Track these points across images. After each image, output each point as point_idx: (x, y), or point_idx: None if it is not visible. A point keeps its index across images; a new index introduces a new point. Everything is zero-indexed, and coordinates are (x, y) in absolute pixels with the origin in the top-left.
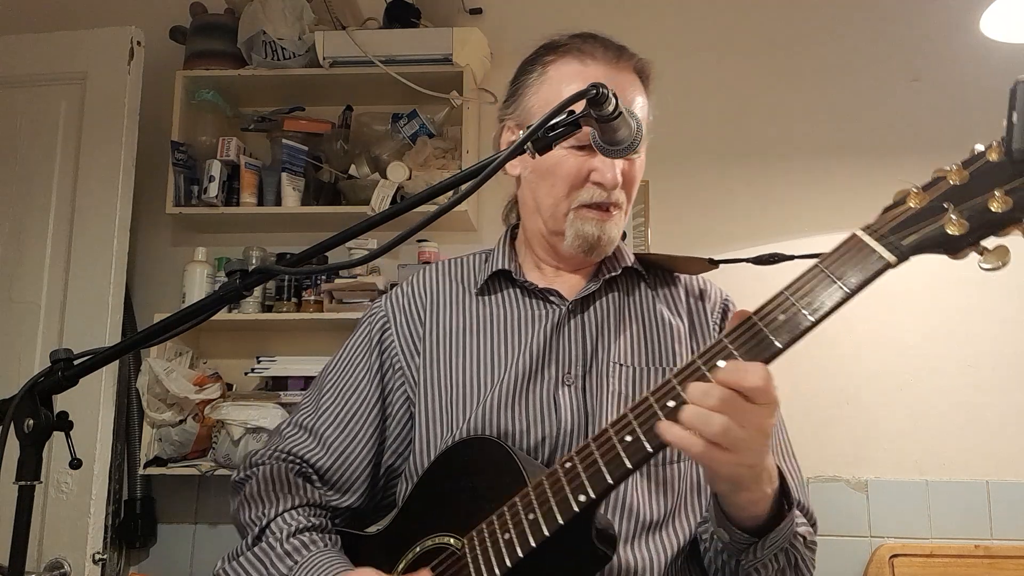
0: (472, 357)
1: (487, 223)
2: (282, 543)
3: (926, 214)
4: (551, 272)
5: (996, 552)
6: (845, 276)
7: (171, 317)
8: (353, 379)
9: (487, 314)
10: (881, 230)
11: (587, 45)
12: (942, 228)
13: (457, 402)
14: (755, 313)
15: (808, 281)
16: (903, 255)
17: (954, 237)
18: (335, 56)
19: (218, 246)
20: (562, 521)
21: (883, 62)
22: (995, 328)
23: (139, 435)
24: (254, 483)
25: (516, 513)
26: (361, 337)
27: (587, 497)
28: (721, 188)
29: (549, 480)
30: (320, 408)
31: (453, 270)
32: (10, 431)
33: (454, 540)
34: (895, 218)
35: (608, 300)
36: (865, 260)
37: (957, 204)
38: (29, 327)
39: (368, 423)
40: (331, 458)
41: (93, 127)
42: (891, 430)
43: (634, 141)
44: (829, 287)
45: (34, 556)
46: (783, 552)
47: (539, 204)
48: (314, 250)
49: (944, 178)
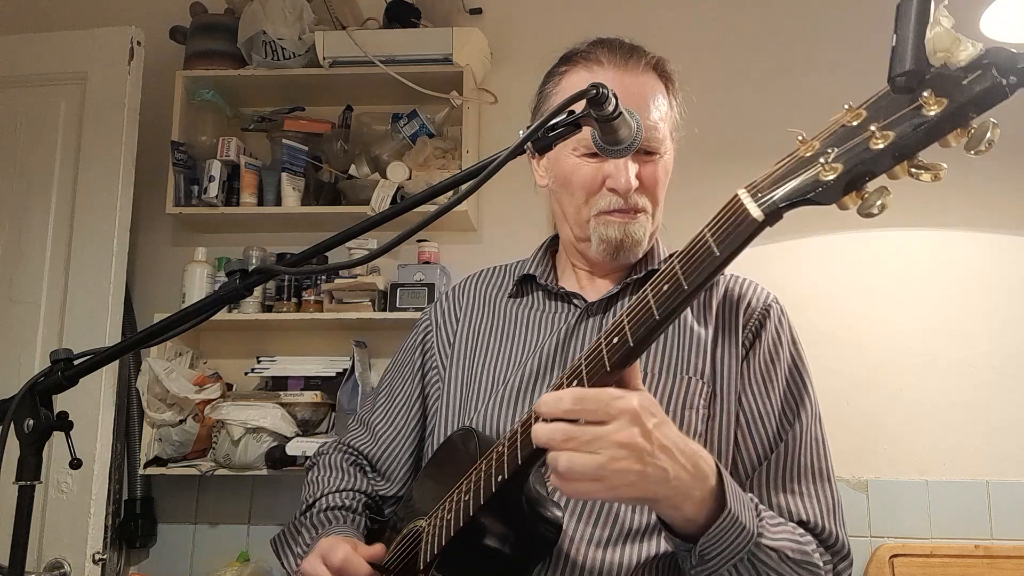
0: (492, 355)
1: (487, 223)
2: (312, 517)
3: (805, 162)
4: (585, 277)
5: (996, 552)
6: (723, 242)
7: (171, 317)
8: (400, 379)
9: (512, 316)
10: (759, 185)
11: (595, 52)
12: (816, 176)
13: (471, 398)
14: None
15: (693, 248)
16: (771, 209)
17: (827, 182)
18: (335, 56)
19: (218, 246)
20: (495, 487)
21: (883, 62)
22: (995, 328)
23: (139, 435)
24: (317, 468)
25: (462, 487)
26: (409, 342)
27: (510, 464)
28: (721, 188)
29: (494, 453)
30: (376, 405)
31: (493, 276)
32: (10, 431)
33: (423, 522)
34: (776, 170)
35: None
36: (737, 220)
37: (839, 147)
38: (29, 327)
39: (410, 418)
40: (380, 449)
41: (93, 127)
42: (891, 430)
43: (635, 140)
44: (709, 256)
45: (34, 556)
46: (742, 564)
47: (565, 213)
48: (314, 250)
49: (839, 122)
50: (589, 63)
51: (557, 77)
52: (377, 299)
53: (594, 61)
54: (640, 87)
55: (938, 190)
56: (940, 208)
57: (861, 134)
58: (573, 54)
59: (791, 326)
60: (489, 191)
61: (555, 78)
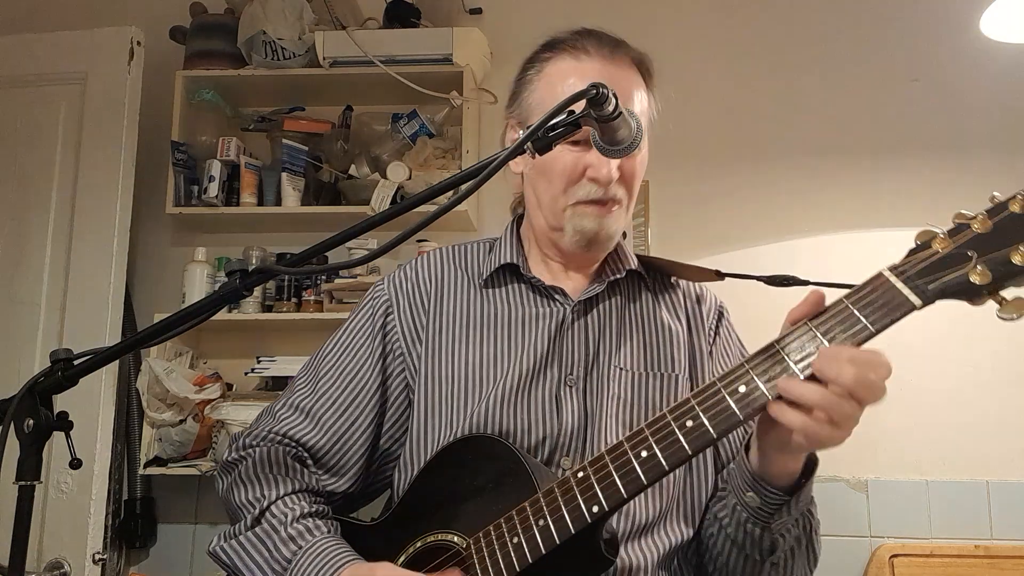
0: (475, 351)
1: (487, 223)
2: (286, 527)
3: (951, 261)
4: (557, 268)
5: (996, 552)
6: (871, 315)
7: (171, 317)
8: (354, 362)
9: (492, 308)
10: (908, 272)
11: (582, 41)
12: (966, 276)
13: (458, 396)
14: (777, 342)
15: (833, 316)
16: (928, 299)
17: (976, 286)
18: (335, 56)
19: (218, 246)
20: (574, 530)
21: (883, 62)
22: (995, 328)
23: (139, 435)
24: (249, 464)
25: (526, 518)
26: (363, 319)
27: (600, 508)
28: (721, 188)
29: (561, 488)
30: (319, 390)
31: (458, 258)
32: (10, 431)
33: (458, 539)
34: (921, 261)
35: (612, 303)
36: (891, 301)
37: (981, 254)
38: (29, 327)
39: (368, 408)
40: (329, 442)
41: (93, 127)
42: (891, 430)
43: (634, 141)
44: (855, 325)
45: (34, 556)
46: (802, 517)
47: (540, 200)
48: (314, 250)
49: (968, 226)
50: (576, 51)
51: (540, 63)
52: None
53: (581, 50)
54: (625, 80)
55: (938, 189)
56: (940, 208)
57: (1006, 247)
58: (558, 41)
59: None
60: (489, 191)
61: (537, 64)
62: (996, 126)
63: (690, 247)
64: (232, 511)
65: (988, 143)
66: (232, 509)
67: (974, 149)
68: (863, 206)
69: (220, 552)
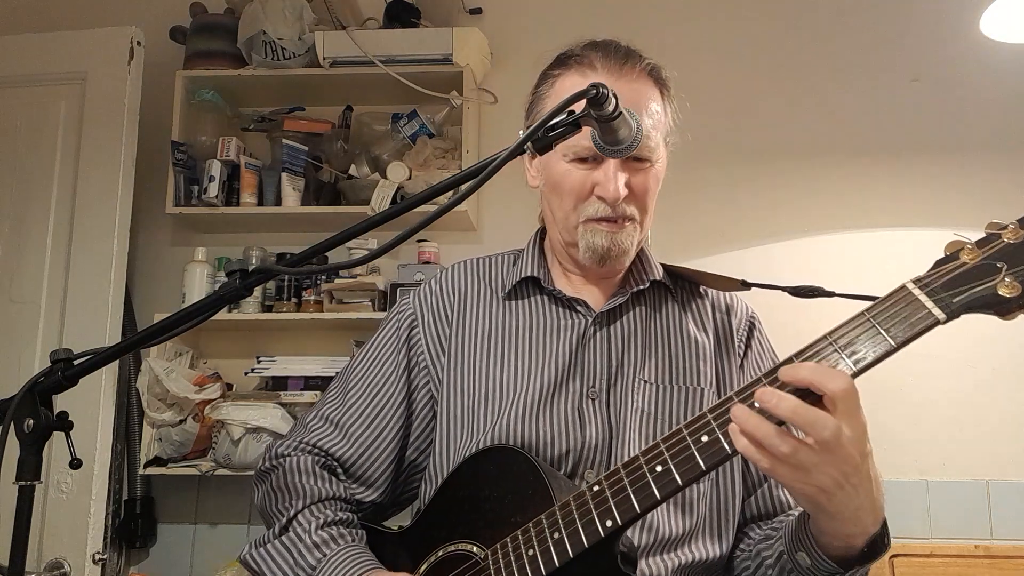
0: (497, 363)
1: (487, 223)
2: (310, 535)
3: (979, 272)
4: (578, 280)
5: (996, 552)
6: (892, 329)
7: (171, 317)
8: (381, 375)
9: (514, 320)
10: (932, 284)
11: (589, 56)
12: (994, 289)
13: (480, 407)
14: (796, 356)
15: (853, 329)
16: (953, 313)
17: (1005, 299)
18: (335, 56)
19: (218, 246)
20: (588, 544)
21: (883, 62)
22: (995, 328)
23: (139, 435)
24: (280, 474)
25: (541, 531)
26: (389, 333)
27: (614, 523)
28: (721, 188)
29: (576, 501)
30: (347, 403)
31: (481, 270)
32: (10, 431)
33: (477, 549)
34: (947, 273)
35: (635, 314)
36: (914, 315)
37: (1011, 265)
38: (29, 327)
39: (394, 420)
40: (357, 452)
41: (93, 127)
42: (891, 430)
43: (634, 141)
44: (874, 338)
45: (34, 556)
46: None
47: (554, 216)
48: (314, 250)
49: (999, 235)
50: (583, 67)
51: (551, 79)
52: (377, 299)
53: (587, 65)
54: (634, 94)
55: (939, 191)
56: (940, 208)
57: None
58: (567, 56)
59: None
60: (489, 191)
61: (549, 80)
62: (996, 126)
63: (690, 247)
64: (266, 519)
65: (988, 143)
66: (265, 517)
67: (974, 149)
68: (864, 206)
69: (250, 560)
